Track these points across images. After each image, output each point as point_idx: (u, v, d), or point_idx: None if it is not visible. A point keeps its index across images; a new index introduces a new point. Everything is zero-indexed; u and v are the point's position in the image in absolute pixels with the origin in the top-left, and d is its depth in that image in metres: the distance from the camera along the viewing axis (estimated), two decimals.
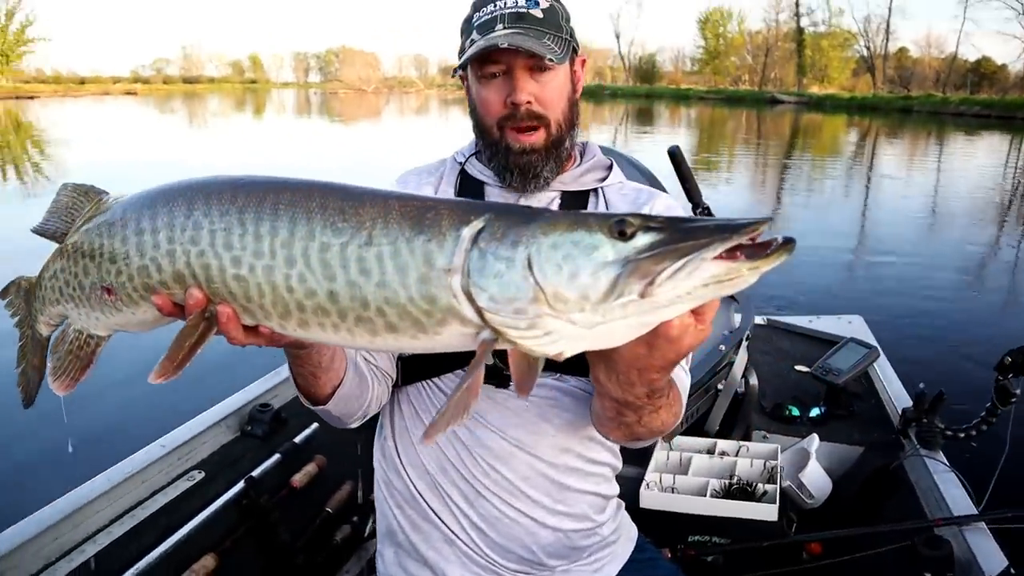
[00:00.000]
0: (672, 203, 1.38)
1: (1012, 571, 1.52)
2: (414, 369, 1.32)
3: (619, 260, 0.67)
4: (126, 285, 0.87)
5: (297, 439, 2.24)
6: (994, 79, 64.64)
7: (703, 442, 2.22)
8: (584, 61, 1.35)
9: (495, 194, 1.35)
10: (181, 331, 0.83)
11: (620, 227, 0.68)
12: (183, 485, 1.91)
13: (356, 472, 2.44)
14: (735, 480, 1.99)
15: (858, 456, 2.32)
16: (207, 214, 0.80)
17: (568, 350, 0.71)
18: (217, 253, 0.80)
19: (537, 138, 1.26)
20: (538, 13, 1.23)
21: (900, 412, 2.31)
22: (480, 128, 1.32)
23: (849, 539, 1.87)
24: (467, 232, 0.70)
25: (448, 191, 1.38)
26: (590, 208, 1.35)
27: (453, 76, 1.38)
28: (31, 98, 56.13)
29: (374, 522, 2.28)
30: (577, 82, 1.33)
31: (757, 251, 0.65)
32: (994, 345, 2.14)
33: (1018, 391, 2.08)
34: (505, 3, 1.24)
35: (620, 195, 1.37)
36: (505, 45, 1.17)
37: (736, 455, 2.15)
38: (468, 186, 1.37)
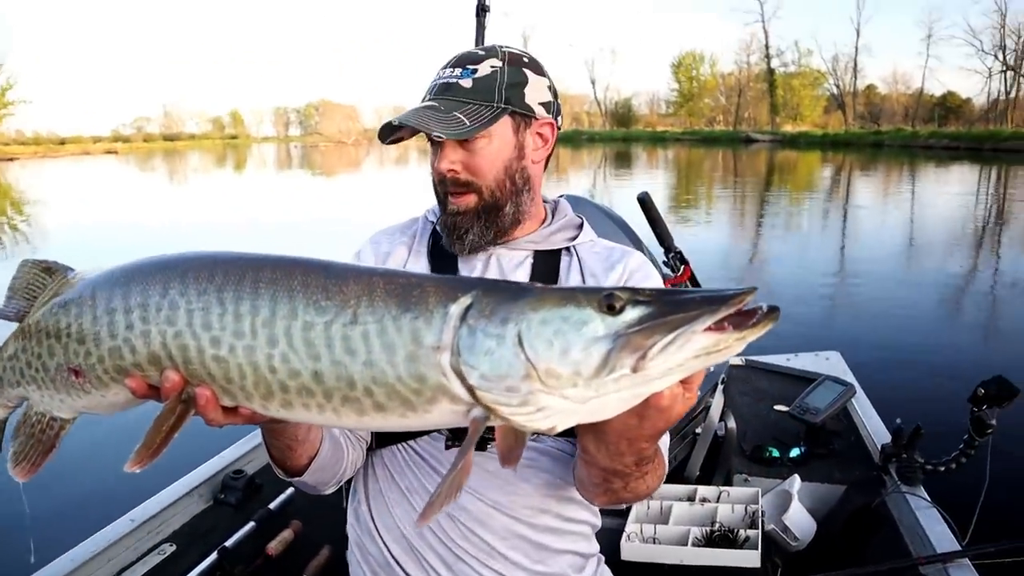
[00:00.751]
0: (644, 260, 1.38)
1: None
2: (388, 433, 1.29)
3: (610, 335, 0.67)
4: (96, 367, 0.83)
5: (272, 505, 2.20)
6: (960, 112, 66.52)
7: (683, 489, 2.20)
8: (551, 124, 1.32)
9: (464, 256, 1.34)
10: (158, 416, 0.80)
11: (609, 301, 0.68)
12: (153, 560, 1.86)
13: (333, 536, 2.39)
14: (717, 527, 1.96)
15: (840, 495, 2.30)
16: (183, 293, 0.78)
17: (560, 424, 0.71)
18: (195, 333, 0.77)
19: (466, 201, 1.26)
20: (467, 83, 1.23)
21: (880, 448, 2.31)
22: (433, 189, 1.35)
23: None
24: (455, 309, 0.70)
25: (421, 250, 1.38)
26: (562, 268, 1.35)
27: None
28: (10, 160, 56.18)
29: None
30: (537, 148, 1.31)
31: (743, 320, 0.66)
32: (970, 376, 2.15)
33: (994, 422, 2.08)
34: (445, 72, 1.27)
35: (592, 253, 1.37)
36: (397, 123, 1.20)
37: (717, 501, 2.13)
38: (439, 248, 1.36)
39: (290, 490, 2.28)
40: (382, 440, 1.31)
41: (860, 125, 65.71)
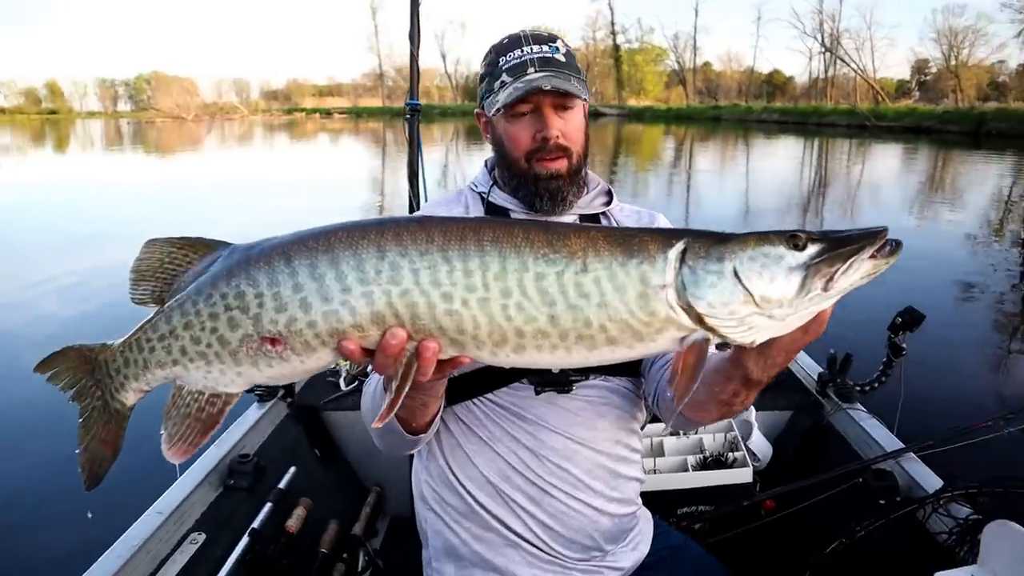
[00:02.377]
0: (666, 221, 1.53)
1: (948, 488, 1.85)
2: (461, 389, 1.37)
3: (801, 265, 0.83)
4: (303, 332, 0.84)
5: (281, 485, 2.24)
6: (785, 89, 72.40)
7: (663, 426, 2.45)
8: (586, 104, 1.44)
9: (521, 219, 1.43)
10: (402, 374, 0.85)
11: (794, 241, 0.84)
12: (189, 550, 1.87)
13: (337, 509, 2.45)
14: (707, 453, 2.23)
15: (788, 419, 2.65)
16: (404, 254, 0.82)
17: (759, 338, 0.86)
18: (424, 290, 0.82)
19: (562, 165, 1.38)
20: (561, 57, 1.36)
21: (817, 376, 2.67)
22: (507, 161, 1.42)
23: (803, 489, 2.16)
24: (673, 253, 0.83)
25: (479, 214, 1.47)
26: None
27: (480, 112, 1.48)
28: None
29: (366, 556, 2.32)
30: (587, 118, 1.45)
31: (884, 250, 0.85)
32: (888, 308, 2.53)
33: (905, 346, 2.49)
34: (532, 49, 1.36)
35: (624, 216, 1.53)
36: (548, 87, 1.30)
37: (696, 432, 2.40)
38: (495, 215, 1.45)
39: (293, 469, 2.32)
40: (456, 396, 1.38)
41: (700, 100, 70.00)
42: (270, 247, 0.89)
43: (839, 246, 0.84)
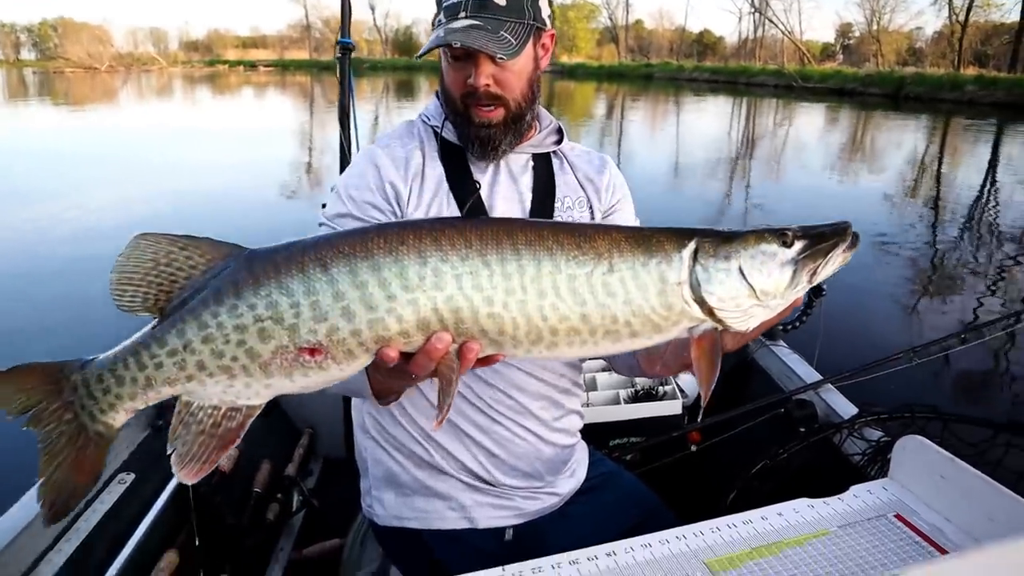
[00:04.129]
0: (614, 165, 1.56)
1: (862, 414, 1.97)
2: None
3: (791, 260, 0.92)
4: (347, 341, 0.82)
5: None
6: (715, 49, 73.37)
7: (598, 362, 2.51)
8: (552, 35, 1.41)
9: (474, 159, 1.41)
10: (443, 377, 0.86)
11: (784, 238, 0.93)
12: (117, 490, 1.82)
13: (269, 450, 2.43)
14: (638, 387, 2.30)
15: None
16: (445, 259, 0.82)
17: (753, 325, 0.95)
18: (467, 295, 0.83)
19: (496, 114, 1.34)
20: (501, 1, 1.28)
21: None
22: (447, 99, 1.39)
23: (729, 420, 2.25)
24: (687, 253, 0.90)
25: (433, 155, 1.41)
26: (556, 168, 1.48)
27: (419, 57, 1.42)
28: None
29: (300, 495, 2.31)
30: (542, 57, 1.40)
31: (851, 243, 0.95)
32: None
33: (825, 287, 2.60)
34: None
35: (576, 156, 1.52)
36: (457, 44, 1.24)
37: None
38: (449, 152, 1.42)
39: None
40: None
41: (632, 58, 70.19)
42: (299, 251, 0.83)
43: (819, 242, 0.94)
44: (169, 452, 0.87)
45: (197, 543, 1.85)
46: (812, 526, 1.21)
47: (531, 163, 1.46)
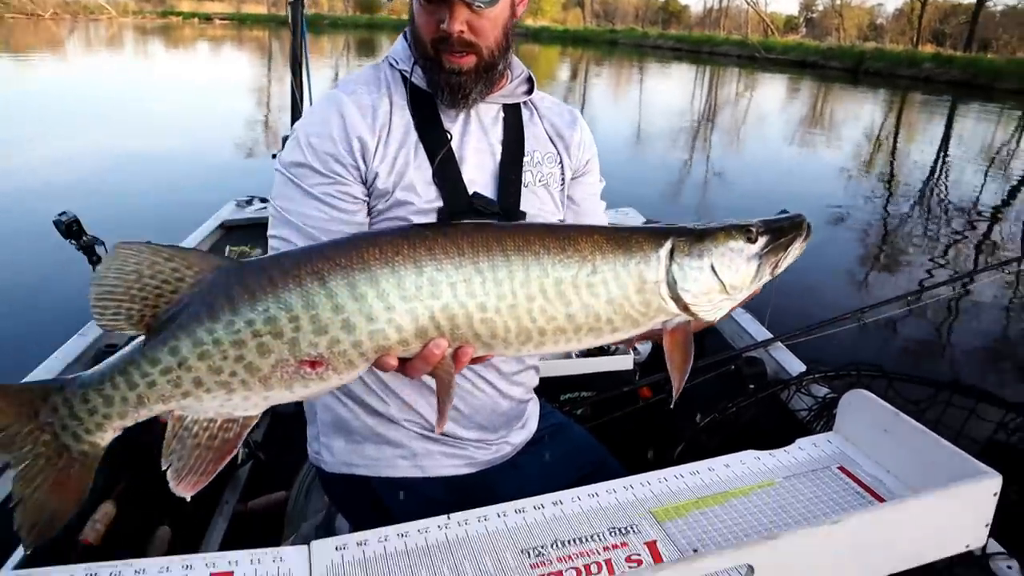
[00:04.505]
0: (582, 120, 1.52)
1: (810, 372, 2.00)
2: None
3: (756, 255, 0.97)
4: (347, 352, 0.83)
5: None
6: (680, 17, 73.29)
7: None
8: None
9: (443, 107, 1.34)
10: (441, 380, 0.89)
11: (748, 235, 0.98)
12: None
13: None
14: None
15: None
16: (440, 268, 0.84)
17: (720, 315, 1.01)
18: (462, 303, 0.85)
19: (468, 61, 1.28)
20: None
21: None
22: (416, 42, 1.32)
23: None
24: (664, 252, 0.94)
25: (401, 103, 1.34)
26: (526, 119, 1.44)
27: None
28: None
29: (245, 447, 2.26)
30: (518, 5, 1.34)
31: (806, 235, 1.02)
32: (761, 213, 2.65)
33: None
34: None
35: (546, 108, 1.48)
36: None
37: None
38: (419, 98, 1.34)
39: None
40: None
41: (597, 23, 69.73)
42: (293, 265, 0.82)
43: (780, 236, 0.99)
44: (165, 467, 0.85)
45: (134, 495, 1.79)
46: (758, 477, 1.22)
47: (502, 114, 1.42)
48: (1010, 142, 15.67)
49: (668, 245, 0.95)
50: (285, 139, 3.06)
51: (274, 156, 3.14)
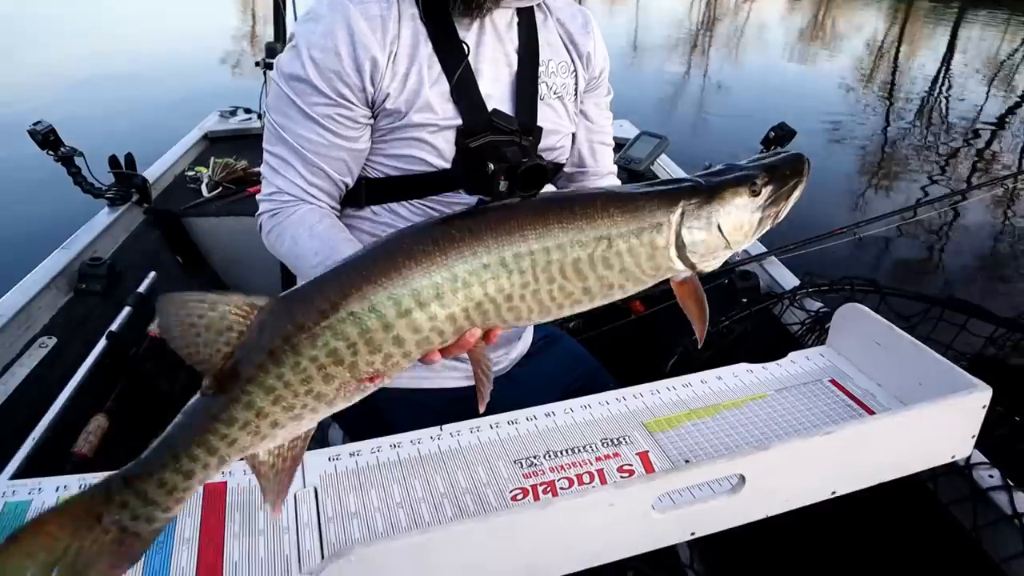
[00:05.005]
0: (597, 29, 1.44)
1: (804, 285, 1.99)
2: (384, 191, 1.26)
3: (759, 208, 0.97)
4: (400, 362, 0.85)
5: (141, 289, 2.10)
6: None
7: None
8: None
9: (457, 16, 1.24)
10: (477, 361, 0.93)
11: (753, 188, 0.96)
12: (38, 354, 1.73)
13: None
14: None
15: None
16: (472, 272, 0.85)
17: (720, 263, 1.01)
18: (492, 297, 0.87)
19: None
20: None
21: None
22: None
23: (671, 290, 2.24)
24: (674, 219, 0.94)
25: (410, 12, 1.22)
26: (539, 23, 1.35)
27: None
28: None
29: None
30: None
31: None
32: (764, 126, 2.58)
33: None
34: None
35: (559, 10, 1.39)
36: None
37: None
38: (431, 7, 1.23)
39: (153, 274, 2.18)
40: (377, 198, 1.27)
41: None
42: (337, 293, 0.80)
43: (782, 184, 0.97)
44: (266, 505, 0.87)
45: (127, 407, 1.80)
46: (750, 390, 1.22)
47: (515, 19, 1.31)
48: (1015, 54, 15.32)
49: (679, 211, 0.95)
50: (269, 46, 2.94)
51: (257, 64, 3.03)
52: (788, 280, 2.10)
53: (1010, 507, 1.19)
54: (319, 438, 1.83)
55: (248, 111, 3.45)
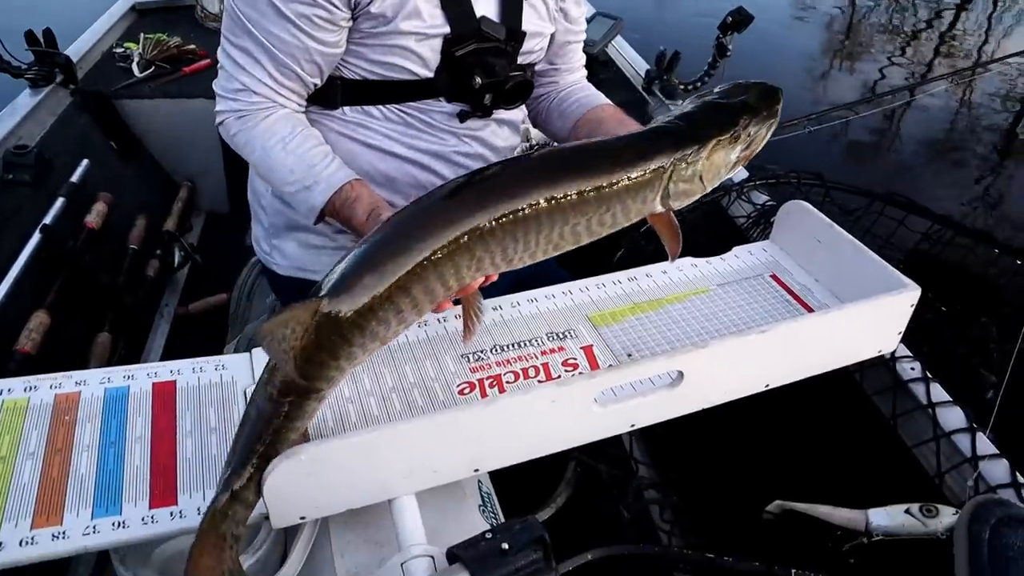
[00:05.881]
0: None
1: (749, 177, 2.00)
2: (361, 93, 1.21)
3: (738, 153, 0.98)
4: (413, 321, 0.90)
5: (74, 179, 2.00)
6: None
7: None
8: None
9: None
10: (469, 304, 0.96)
11: (735, 136, 0.96)
12: None
13: (145, 207, 2.28)
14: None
15: None
16: (488, 250, 0.88)
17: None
18: (497, 264, 0.90)
19: None
20: None
21: (644, 74, 2.66)
22: None
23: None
24: (665, 177, 0.95)
25: None
26: None
27: None
28: None
29: (181, 251, 2.21)
30: None
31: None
32: (721, 11, 2.50)
33: (731, 46, 2.51)
34: None
35: None
36: None
37: None
38: None
39: (86, 162, 2.07)
40: (353, 98, 1.21)
41: None
42: (380, 285, 0.82)
43: (760, 124, 0.98)
44: None
45: (68, 303, 1.76)
46: (693, 284, 1.25)
47: None
48: None
49: (670, 169, 0.96)
50: None
51: None
52: (739, 173, 2.11)
53: (926, 397, 1.28)
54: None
55: None
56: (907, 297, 1.06)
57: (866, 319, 1.07)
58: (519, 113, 1.39)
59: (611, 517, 1.50)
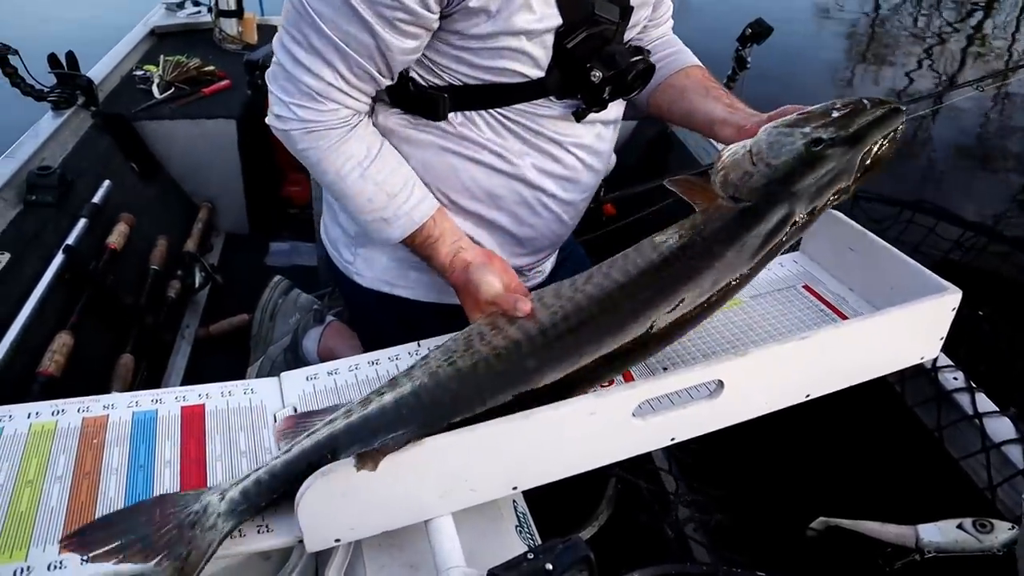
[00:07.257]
0: None
1: None
2: (465, 99, 1.09)
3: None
4: None
5: (96, 200, 2.01)
6: None
7: None
8: None
9: None
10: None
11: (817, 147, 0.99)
12: None
13: (166, 227, 2.29)
14: None
15: (632, 129, 2.67)
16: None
17: None
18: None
19: None
20: None
21: None
22: None
23: (645, 193, 2.21)
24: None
25: None
26: None
27: None
28: None
29: (202, 271, 2.21)
30: None
31: None
32: (741, 23, 2.49)
33: (750, 59, 2.50)
34: None
35: None
36: None
37: None
38: None
39: (107, 183, 2.08)
40: (455, 105, 1.09)
41: None
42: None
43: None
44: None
45: (91, 325, 1.75)
46: None
47: None
48: None
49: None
50: None
51: None
52: None
53: (971, 407, 1.24)
54: (292, 348, 1.82)
55: (197, 2, 3.23)
56: (947, 301, 1.03)
57: (907, 324, 1.04)
58: (621, 107, 1.27)
59: (652, 534, 1.47)
